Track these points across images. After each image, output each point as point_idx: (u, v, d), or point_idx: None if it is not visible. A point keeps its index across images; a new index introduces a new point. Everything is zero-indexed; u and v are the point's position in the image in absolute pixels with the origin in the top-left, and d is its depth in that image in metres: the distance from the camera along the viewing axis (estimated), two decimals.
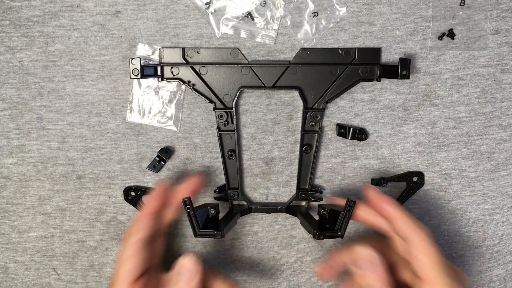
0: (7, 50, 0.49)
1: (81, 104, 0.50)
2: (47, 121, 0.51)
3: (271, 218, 0.53)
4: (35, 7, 0.49)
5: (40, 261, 0.53)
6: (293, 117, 0.51)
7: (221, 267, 0.53)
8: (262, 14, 0.48)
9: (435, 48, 0.49)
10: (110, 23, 0.49)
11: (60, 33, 0.49)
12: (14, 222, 0.52)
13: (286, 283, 0.54)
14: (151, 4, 0.48)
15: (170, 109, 0.50)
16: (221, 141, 0.50)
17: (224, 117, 0.49)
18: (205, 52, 0.49)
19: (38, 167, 0.51)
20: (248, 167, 0.52)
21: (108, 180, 0.52)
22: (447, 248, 0.53)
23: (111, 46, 0.49)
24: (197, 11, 0.49)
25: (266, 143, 0.51)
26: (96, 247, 0.53)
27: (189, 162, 0.51)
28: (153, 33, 0.49)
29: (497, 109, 0.51)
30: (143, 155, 0.51)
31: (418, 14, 0.49)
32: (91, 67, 0.50)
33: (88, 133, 0.51)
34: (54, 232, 0.53)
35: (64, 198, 0.52)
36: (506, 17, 0.49)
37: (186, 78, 0.49)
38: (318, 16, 0.49)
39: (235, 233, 0.53)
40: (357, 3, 0.49)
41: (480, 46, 0.49)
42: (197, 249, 0.53)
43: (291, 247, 0.53)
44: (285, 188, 0.52)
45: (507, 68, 0.50)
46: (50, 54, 0.49)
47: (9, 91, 0.50)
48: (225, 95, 0.49)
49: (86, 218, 0.52)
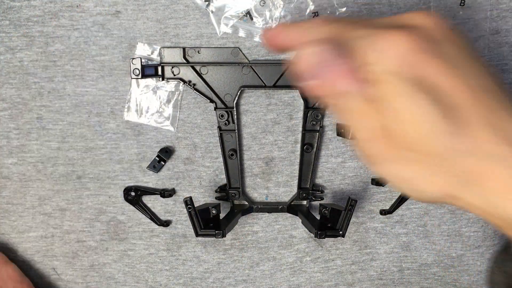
0: (7, 50, 0.49)
1: (81, 104, 0.50)
2: (47, 121, 0.50)
3: (271, 218, 0.53)
4: (35, 7, 0.48)
5: (40, 261, 0.53)
6: (293, 117, 0.51)
7: (221, 267, 0.53)
8: (261, 13, 0.48)
9: None
10: (110, 23, 0.49)
11: (60, 33, 0.49)
12: (14, 222, 0.52)
13: (286, 283, 0.54)
14: (151, 4, 0.48)
15: (168, 109, 0.50)
16: (222, 140, 0.50)
17: (225, 116, 0.49)
18: (205, 52, 0.49)
19: (38, 167, 0.51)
20: (248, 167, 0.52)
21: (108, 180, 0.52)
22: (447, 248, 0.53)
23: (111, 46, 0.49)
24: (197, 11, 0.48)
25: (266, 143, 0.51)
26: (96, 247, 0.53)
27: (189, 162, 0.51)
28: (153, 33, 0.49)
29: None
30: (143, 155, 0.51)
31: None
32: (91, 67, 0.49)
33: (88, 133, 0.51)
34: (54, 232, 0.53)
35: (64, 198, 0.52)
36: (506, 17, 0.49)
37: (187, 78, 0.49)
38: (318, 16, 0.49)
39: (235, 233, 0.53)
40: (357, 3, 0.49)
41: (480, 46, 0.49)
42: (197, 249, 0.53)
43: (291, 247, 0.53)
44: (285, 188, 0.52)
45: (507, 68, 0.50)
46: (50, 54, 0.49)
47: (9, 91, 0.50)
48: (226, 95, 0.49)
49: (86, 218, 0.52)
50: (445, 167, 0.27)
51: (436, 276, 0.54)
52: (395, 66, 0.27)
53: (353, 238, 0.53)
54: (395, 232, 0.53)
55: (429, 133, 0.26)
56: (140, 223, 0.52)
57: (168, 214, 0.53)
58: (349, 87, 0.28)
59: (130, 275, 0.54)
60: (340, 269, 0.54)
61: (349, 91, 0.28)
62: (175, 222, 0.53)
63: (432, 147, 0.27)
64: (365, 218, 0.53)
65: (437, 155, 0.27)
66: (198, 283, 0.54)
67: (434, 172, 0.28)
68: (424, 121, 0.26)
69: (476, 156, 0.26)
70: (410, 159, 0.28)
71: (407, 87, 0.26)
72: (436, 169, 0.27)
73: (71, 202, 0.52)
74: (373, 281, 0.54)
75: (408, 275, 0.54)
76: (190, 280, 0.54)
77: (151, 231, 0.53)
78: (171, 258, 0.53)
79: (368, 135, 0.28)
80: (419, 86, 0.26)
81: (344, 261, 0.54)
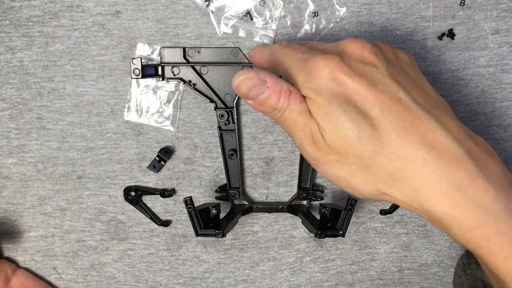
0: (7, 50, 0.49)
1: (81, 104, 0.50)
2: (47, 121, 0.50)
3: (271, 218, 0.53)
4: (35, 7, 0.48)
5: (41, 260, 0.53)
6: None
7: (221, 267, 0.53)
8: (261, 14, 0.48)
9: (435, 48, 0.50)
10: (110, 23, 0.49)
11: (60, 33, 0.49)
12: (14, 222, 0.52)
13: (286, 283, 0.54)
14: (151, 4, 0.48)
15: (168, 109, 0.50)
16: (222, 140, 0.50)
17: (225, 116, 0.49)
18: (205, 52, 0.49)
19: (38, 167, 0.51)
20: (248, 167, 0.52)
21: (108, 180, 0.52)
22: (447, 248, 0.53)
23: (111, 46, 0.49)
24: (197, 11, 0.48)
25: (266, 143, 0.51)
26: (97, 246, 0.53)
27: (189, 162, 0.51)
28: (153, 33, 0.49)
29: (497, 109, 0.51)
30: (143, 155, 0.51)
31: (418, 14, 0.49)
32: (91, 67, 0.49)
33: (88, 133, 0.51)
34: (55, 232, 0.53)
35: (64, 198, 0.52)
36: (506, 17, 0.49)
37: (187, 78, 0.49)
38: (318, 16, 0.49)
39: (235, 233, 0.53)
40: (357, 3, 0.49)
41: (480, 46, 0.50)
42: (197, 248, 0.53)
43: (291, 247, 0.53)
44: (285, 188, 0.52)
45: (507, 68, 0.50)
46: (50, 54, 0.49)
47: (9, 91, 0.50)
48: (226, 95, 0.49)
49: (86, 218, 0.52)
50: (372, 168, 0.32)
51: (436, 276, 0.54)
52: (323, 84, 0.32)
53: (353, 238, 0.53)
54: (395, 232, 0.53)
55: (354, 140, 0.31)
56: (140, 223, 0.53)
57: (168, 214, 0.53)
58: (279, 104, 0.33)
59: (130, 275, 0.54)
60: (340, 269, 0.54)
61: (280, 107, 0.34)
62: (175, 222, 0.53)
63: (358, 151, 0.31)
64: (365, 218, 0.53)
65: (364, 158, 0.31)
66: (198, 283, 0.54)
67: (364, 172, 0.32)
68: (349, 130, 0.31)
69: (396, 158, 0.31)
70: (341, 161, 0.32)
71: (333, 101, 0.31)
72: (365, 169, 0.32)
73: (71, 202, 0.52)
74: (373, 281, 0.54)
75: (408, 275, 0.54)
76: (190, 280, 0.54)
77: (151, 231, 0.53)
78: (171, 258, 0.53)
79: (303, 142, 0.34)
80: (343, 100, 0.31)
81: (344, 261, 0.54)
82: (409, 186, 0.31)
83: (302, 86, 0.33)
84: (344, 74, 0.31)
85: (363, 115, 0.31)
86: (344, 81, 0.31)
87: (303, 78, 0.33)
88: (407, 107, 0.31)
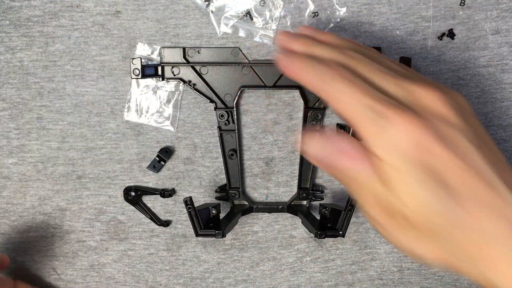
0: (7, 50, 0.49)
1: (81, 104, 0.50)
2: (47, 121, 0.50)
3: (271, 218, 0.53)
4: (35, 7, 0.48)
5: (40, 261, 0.53)
6: (293, 117, 0.51)
7: (221, 267, 0.53)
8: (261, 14, 0.48)
9: (435, 48, 0.50)
10: (110, 23, 0.49)
11: (60, 33, 0.49)
12: (14, 222, 0.52)
13: (286, 283, 0.54)
14: (151, 4, 0.48)
15: (168, 109, 0.50)
16: (222, 140, 0.50)
17: (225, 116, 0.49)
18: (205, 52, 0.49)
19: (38, 167, 0.51)
20: (248, 167, 0.52)
21: (108, 180, 0.52)
22: None
23: (111, 46, 0.49)
24: (197, 11, 0.49)
25: (266, 143, 0.51)
26: (96, 247, 0.53)
27: (189, 162, 0.51)
28: (153, 33, 0.49)
29: (497, 109, 0.51)
30: (143, 155, 0.51)
31: (418, 14, 0.49)
32: (91, 67, 0.49)
33: (88, 133, 0.51)
34: (54, 232, 0.53)
35: (64, 198, 0.52)
36: (506, 17, 0.49)
37: (187, 78, 0.49)
38: (318, 16, 0.49)
39: (235, 233, 0.53)
40: (357, 3, 0.49)
41: (480, 46, 0.50)
42: (197, 249, 0.53)
43: (291, 247, 0.53)
44: (285, 188, 0.52)
45: (507, 68, 0.50)
46: (50, 54, 0.49)
47: (9, 91, 0.50)
48: (226, 95, 0.49)
49: (86, 218, 0.52)
50: (446, 241, 0.29)
51: (436, 276, 0.54)
52: (406, 149, 0.28)
53: (353, 238, 0.53)
54: None
55: (433, 214, 0.28)
56: (140, 223, 0.53)
57: (168, 214, 0.53)
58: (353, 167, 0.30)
59: (130, 275, 0.54)
60: (340, 269, 0.54)
61: (354, 169, 0.30)
62: (175, 222, 0.53)
63: (436, 226, 0.28)
64: (365, 218, 0.53)
65: (440, 232, 0.28)
66: (198, 283, 0.54)
67: (434, 243, 0.29)
68: (431, 204, 0.28)
69: (472, 232, 0.28)
70: (408, 227, 0.29)
71: (414, 169, 0.28)
72: (437, 242, 0.29)
73: (71, 202, 0.52)
74: (373, 281, 0.54)
75: (408, 275, 0.54)
76: (190, 280, 0.54)
77: (151, 231, 0.53)
78: (171, 258, 0.53)
79: (371, 210, 0.31)
80: (425, 169, 0.28)
81: (344, 261, 0.54)
82: (483, 264, 0.28)
83: (372, 144, 0.29)
84: (434, 141, 0.28)
85: (444, 186, 0.28)
86: (434, 150, 0.28)
87: (374, 134, 0.29)
88: (488, 181, 0.28)
